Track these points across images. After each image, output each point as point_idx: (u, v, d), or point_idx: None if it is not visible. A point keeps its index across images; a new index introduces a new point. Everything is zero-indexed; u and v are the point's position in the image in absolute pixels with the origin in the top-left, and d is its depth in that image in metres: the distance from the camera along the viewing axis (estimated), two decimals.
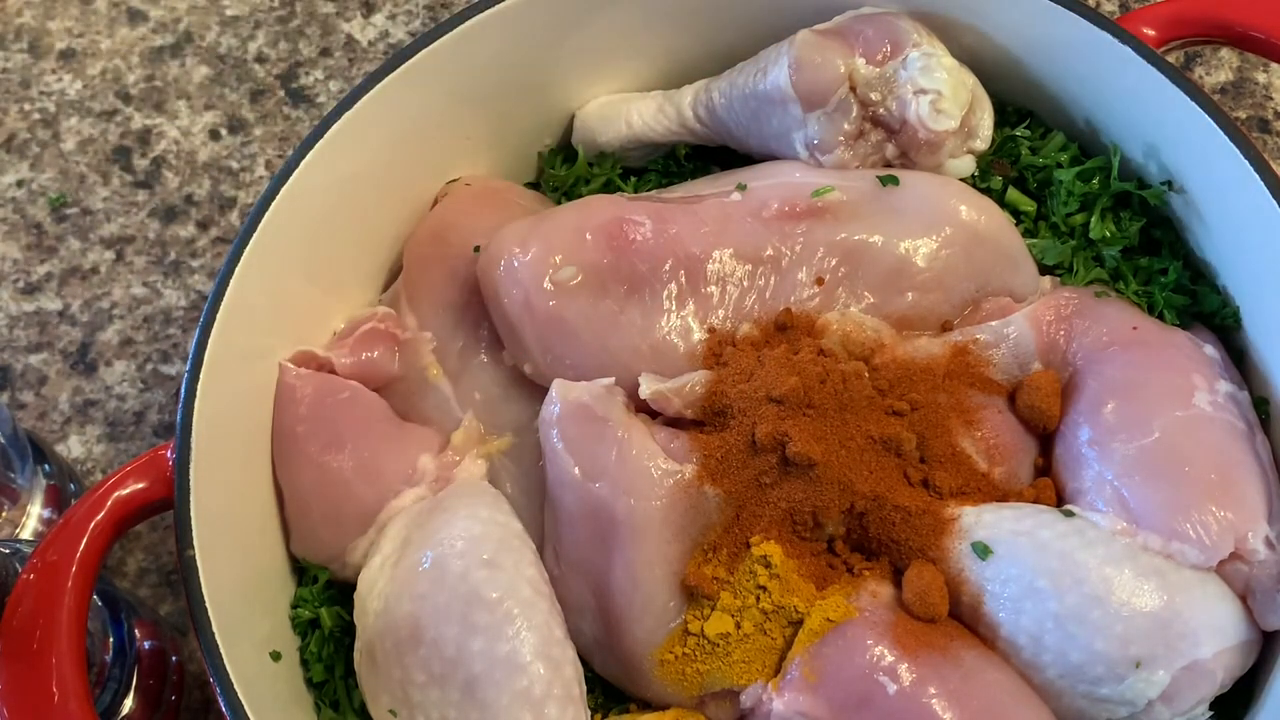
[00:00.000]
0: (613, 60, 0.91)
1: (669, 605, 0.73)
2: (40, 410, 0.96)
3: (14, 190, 1.03)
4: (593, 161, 0.91)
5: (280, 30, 1.09)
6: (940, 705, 0.68)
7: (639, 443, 0.73)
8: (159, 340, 0.98)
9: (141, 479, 0.73)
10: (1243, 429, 0.75)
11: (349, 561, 0.78)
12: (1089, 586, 0.70)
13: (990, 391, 0.78)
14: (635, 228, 0.79)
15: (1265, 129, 1.02)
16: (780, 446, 0.73)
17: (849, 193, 0.81)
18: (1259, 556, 0.71)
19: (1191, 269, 0.84)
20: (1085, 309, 0.80)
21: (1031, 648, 0.71)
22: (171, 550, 0.90)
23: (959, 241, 0.80)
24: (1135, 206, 0.85)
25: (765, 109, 0.84)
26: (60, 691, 0.68)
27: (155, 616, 0.87)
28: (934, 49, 0.82)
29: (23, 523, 0.88)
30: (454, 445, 0.79)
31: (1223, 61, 1.04)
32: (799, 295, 0.79)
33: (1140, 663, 0.69)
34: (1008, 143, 0.87)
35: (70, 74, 1.08)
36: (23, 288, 1.00)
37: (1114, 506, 0.73)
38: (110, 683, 0.80)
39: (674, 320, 0.78)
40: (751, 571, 0.73)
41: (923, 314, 0.80)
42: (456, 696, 0.70)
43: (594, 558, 0.73)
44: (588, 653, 0.75)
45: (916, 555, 0.73)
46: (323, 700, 0.78)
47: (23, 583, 0.70)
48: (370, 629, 0.74)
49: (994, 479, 0.76)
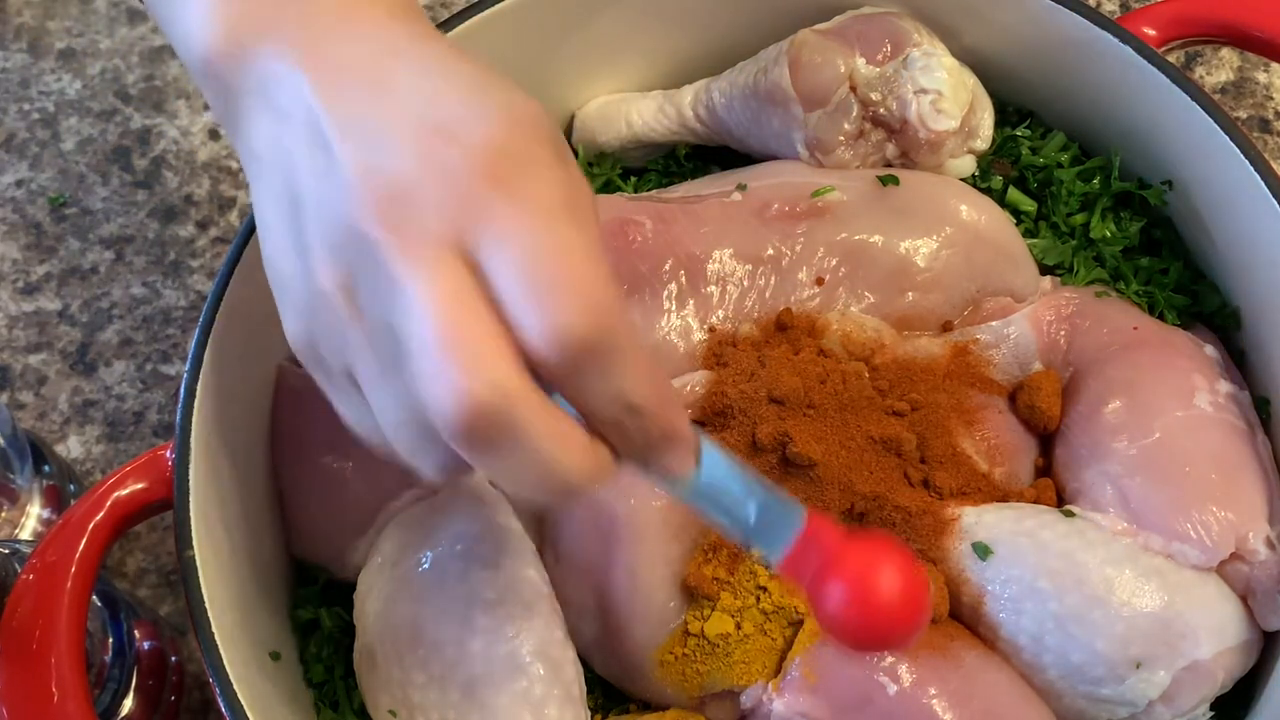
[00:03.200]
0: (613, 60, 0.90)
1: (669, 606, 0.73)
2: (40, 410, 0.96)
3: (13, 190, 1.03)
4: (593, 161, 0.91)
5: None
6: (940, 706, 0.68)
7: None
8: (159, 340, 0.98)
9: (141, 479, 0.73)
10: (1243, 429, 0.75)
11: (349, 562, 0.78)
12: (1090, 587, 0.70)
13: (990, 391, 0.78)
14: (635, 228, 0.79)
15: (1266, 129, 1.02)
16: (781, 447, 0.73)
17: (849, 193, 0.81)
18: (1260, 557, 0.71)
19: (1191, 269, 0.84)
20: (1086, 309, 0.80)
21: (1032, 648, 0.71)
22: (171, 550, 0.90)
23: (959, 241, 0.80)
24: (1135, 206, 0.85)
25: (765, 109, 0.84)
26: (60, 691, 0.68)
27: (155, 616, 0.87)
28: (934, 49, 0.82)
29: (22, 523, 0.88)
30: None
31: (1223, 61, 1.04)
32: (799, 295, 0.79)
33: (1141, 663, 0.69)
34: (1008, 143, 0.87)
35: (70, 74, 1.08)
36: (22, 288, 1.00)
37: (1115, 507, 0.73)
38: (110, 683, 0.80)
39: (674, 320, 0.78)
40: (752, 572, 0.73)
41: (923, 314, 0.80)
42: (456, 697, 0.70)
43: (594, 558, 0.73)
44: (588, 653, 0.75)
45: (917, 555, 0.73)
46: (323, 700, 0.78)
47: (22, 583, 0.70)
48: (369, 630, 0.74)
49: (994, 479, 0.76)
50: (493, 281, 0.50)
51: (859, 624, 0.56)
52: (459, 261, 0.50)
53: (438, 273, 0.50)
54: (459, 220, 0.51)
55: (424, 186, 0.51)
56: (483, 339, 0.49)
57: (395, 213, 0.51)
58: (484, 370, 0.49)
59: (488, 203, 0.51)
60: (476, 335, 0.49)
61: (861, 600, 0.56)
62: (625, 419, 0.53)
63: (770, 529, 0.58)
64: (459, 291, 0.50)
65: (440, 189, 0.51)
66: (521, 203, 0.51)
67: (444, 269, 0.50)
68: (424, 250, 0.50)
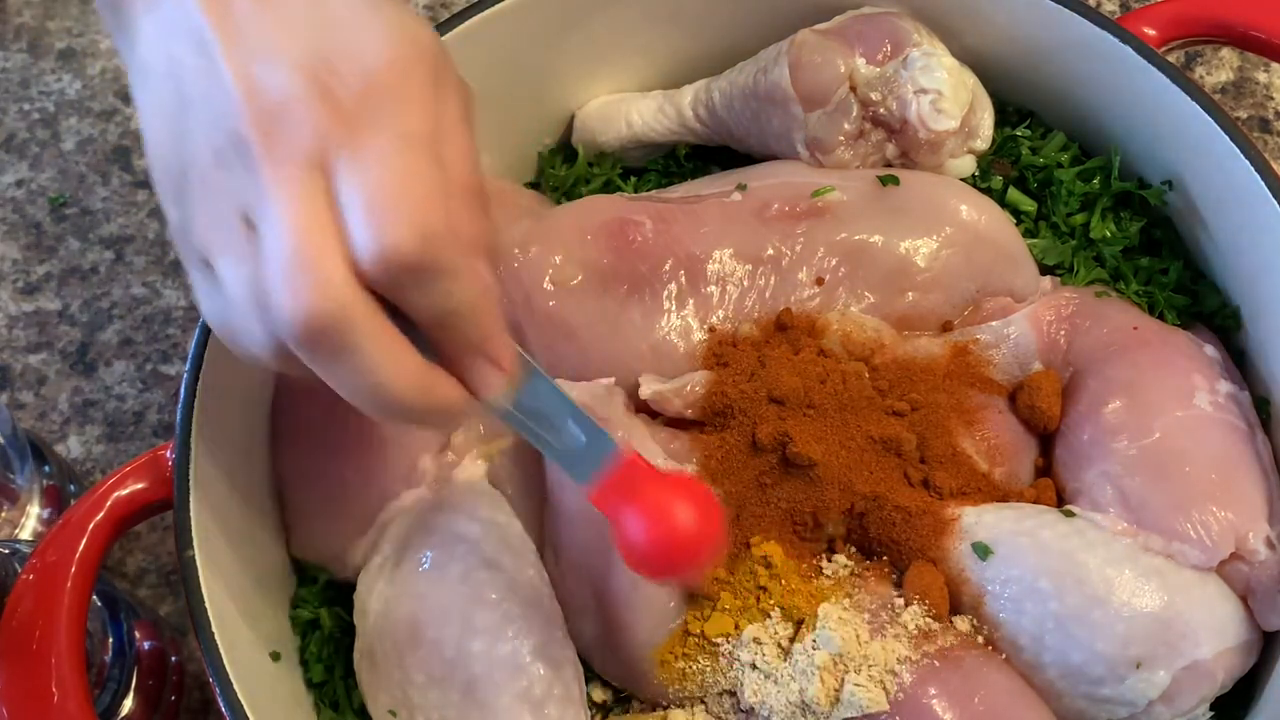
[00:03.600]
0: (613, 60, 0.90)
1: (669, 605, 0.73)
2: (40, 410, 0.96)
3: (13, 190, 1.03)
4: (593, 161, 0.91)
5: None
6: (940, 705, 0.68)
7: (639, 443, 0.73)
8: (159, 340, 0.98)
9: (141, 479, 0.73)
10: (1243, 429, 0.75)
11: (349, 562, 0.78)
12: (1090, 587, 0.70)
13: (990, 391, 0.78)
14: (636, 228, 0.79)
15: (1265, 129, 1.02)
16: (781, 447, 0.73)
17: (849, 193, 0.81)
18: (1259, 557, 0.71)
19: (1191, 269, 0.84)
20: (1086, 309, 0.80)
21: (1032, 648, 0.71)
22: (171, 550, 0.90)
23: (959, 241, 0.80)
24: (1135, 206, 0.85)
25: (765, 109, 0.84)
26: (60, 691, 0.68)
27: (155, 616, 0.87)
28: (934, 49, 0.82)
29: (22, 523, 0.88)
30: (454, 446, 0.79)
31: (1223, 61, 1.04)
32: (799, 295, 0.79)
33: (1141, 663, 0.69)
34: (1008, 143, 0.87)
35: (70, 74, 1.08)
36: (22, 288, 1.00)
37: (1115, 507, 0.73)
38: (110, 683, 0.80)
39: (674, 320, 0.78)
40: (752, 572, 0.73)
41: (923, 314, 0.80)
42: (456, 697, 0.70)
43: (594, 558, 0.73)
44: (588, 653, 0.75)
45: (917, 556, 0.73)
46: (323, 700, 0.78)
47: (22, 583, 0.70)
48: (370, 630, 0.74)
49: (994, 479, 0.76)
50: (341, 201, 0.55)
51: (654, 552, 0.63)
52: (320, 178, 0.55)
53: (300, 188, 0.54)
54: (327, 140, 0.55)
55: (299, 105, 0.55)
56: (329, 256, 0.54)
57: (271, 124, 0.55)
58: (327, 286, 0.54)
59: (354, 129, 0.55)
60: (324, 252, 0.54)
61: (657, 530, 0.62)
62: (445, 327, 0.58)
63: (585, 458, 0.64)
64: (315, 210, 0.54)
65: (314, 110, 0.55)
66: (382, 131, 0.55)
67: (305, 186, 0.55)
68: (291, 165, 0.55)
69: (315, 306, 0.54)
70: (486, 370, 0.61)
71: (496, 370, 0.61)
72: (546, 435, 0.64)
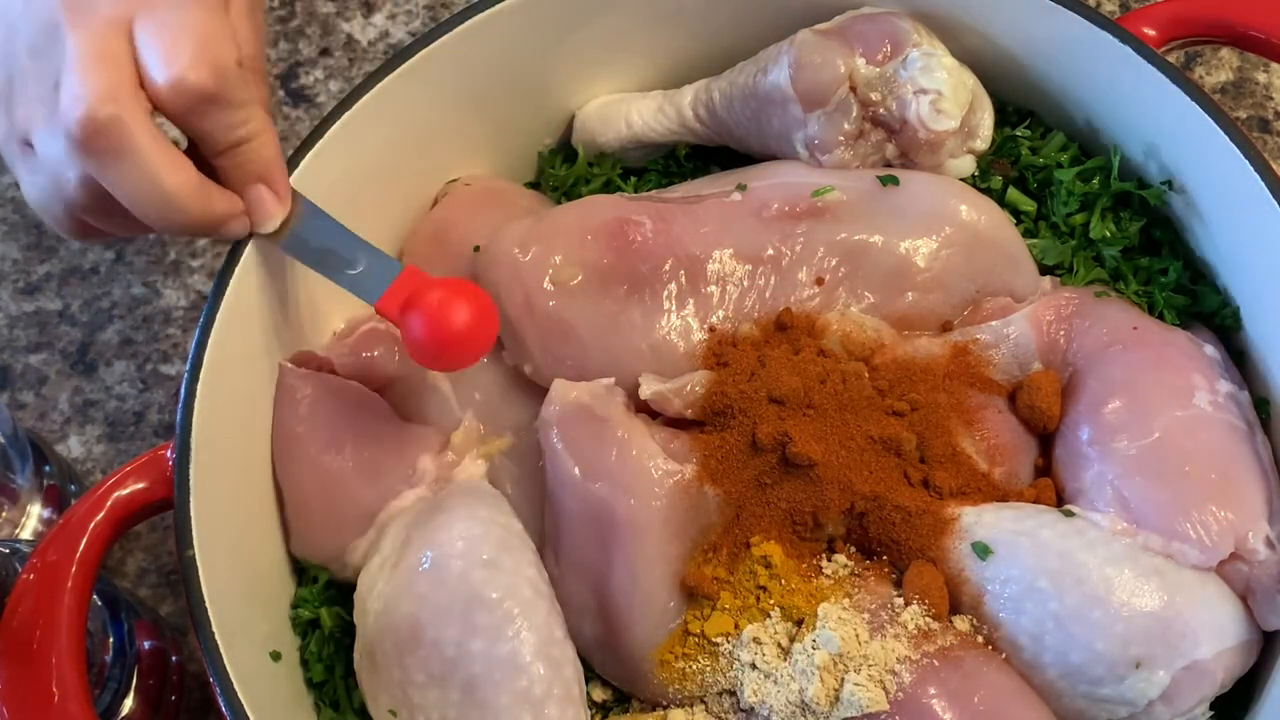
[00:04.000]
0: (613, 60, 0.90)
1: (669, 605, 0.73)
2: (40, 410, 0.96)
3: (13, 190, 1.03)
4: (593, 161, 0.91)
5: (280, 30, 1.08)
6: (940, 705, 0.68)
7: (639, 443, 0.73)
8: (159, 340, 0.98)
9: (141, 479, 0.73)
10: (1243, 429, 0.75)
11: (349, 562, 0.78)
12: (1089, 587, 0.70)
13: (990, 391, 0.78)
14: (636, 228, 0.79)
15: (1265, 129, 1.02)
16: (781, 447, 0.73)
17: (849, 193, 0.81)
18: (1259, 556, 0.71)
19: (1191, 269, 0.84)
20: (1085, 309, 0.80)
21: (1032, 648, 0.71)
22: (171, 550, 0.90)
23: (959, 241, 0.80)
24: (1135, 206, 0.85)
25: (765, 109, 0.84)
26: (60, 691, 0.68)
27: (155, 616, 0.87)
28: (934, 49, 0.82)
29: (22, 523, 0.88)
30: (454, 445, 0.79)
31: (1223, 61, 1.04)
32: (799, 295, 0.79)
33: (1140, 663, 0.69)
34: (1008, 143, 0.87)
35: None
36: (22, 288, 1.00)
37: (1114, 506, 0.73)
38: (110, 683, 0.80)
39: (674, 320, 0.78)
40: (752, 572, 0.73)
41: (923, 314, 0.80)
42: (456, 697, 0.70)
43: (594, 558, 0.73)
44: (588, 653, 0.75)
45: (916, 555, 0.73)
46: (323, 700, 0.78)
47: (22, 583, 0.70)
48: (370, 629, 0.74)
49: (994, 479, 0.76)
50: (138, 47, 0.65)
51: (434, 344, 0.71)
52: (120, 35, 0.65)
53: (96, 35, 0.64)
54: (128, 7, 0.65)
55: None
56: (114, 75, 0.63)
57: (80, 4, 0.65)
58: (107, 92, 0.63)
59: None
60: (110, 73, 0.63)
61: (436, 325, 0.70)
62: (230, 156, 0.68)
63: (372, 280, 0.72)
64: (108, 50, 0.64)
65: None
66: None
67: (103, 35, 0.64)
68: (92, 22, 0.65)
69: (93, 107, 0.62)
70: (266, 197, 0.71)
71: (275, 199, 0.71)
72: (335, 267, 0.73)
